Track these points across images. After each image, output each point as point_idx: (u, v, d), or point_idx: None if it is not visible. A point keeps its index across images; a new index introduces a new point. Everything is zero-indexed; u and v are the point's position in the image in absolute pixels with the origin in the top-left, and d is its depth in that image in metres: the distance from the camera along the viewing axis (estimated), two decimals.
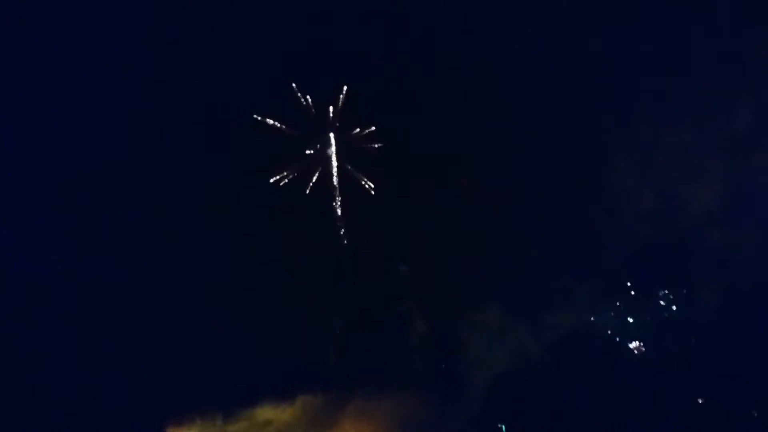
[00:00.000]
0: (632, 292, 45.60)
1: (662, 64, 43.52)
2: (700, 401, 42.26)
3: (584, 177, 44.49)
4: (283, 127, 43.36)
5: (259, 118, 42.14)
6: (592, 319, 45.38)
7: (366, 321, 43.86)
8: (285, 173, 42.96)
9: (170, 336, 40.87)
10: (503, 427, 42.62)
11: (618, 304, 45.53)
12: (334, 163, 45.23)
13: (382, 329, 43.87)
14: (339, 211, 45.22)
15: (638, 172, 44.38)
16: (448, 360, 43.81)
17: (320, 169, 43.88)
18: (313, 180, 43.71)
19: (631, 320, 45.22)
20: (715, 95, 42.83)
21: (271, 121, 42.60)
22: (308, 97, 42.85)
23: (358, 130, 44.04)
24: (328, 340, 43.34)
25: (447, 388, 42.94)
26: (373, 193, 44.02)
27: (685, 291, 44.93)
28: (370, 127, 43.53)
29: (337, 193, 45.16)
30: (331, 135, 44.62)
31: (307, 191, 43.86)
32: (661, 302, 45.22)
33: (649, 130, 43.74)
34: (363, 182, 44.79)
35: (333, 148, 44.85)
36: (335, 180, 45.00)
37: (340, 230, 45.40)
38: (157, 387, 40.84)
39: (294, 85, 42.71)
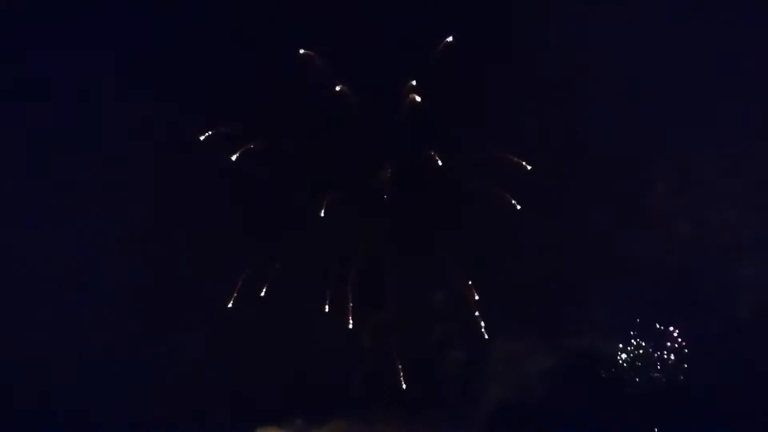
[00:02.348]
0: (659, 320, 43.91)
1: (707, 87, 41.95)
2: None
3: (622, 201, 43.00)
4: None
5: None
6: (616, 345, 44.03)
7: (396, 346, 41.38)
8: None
9: (178, 357, 39.01)
10: None
11: (643, 330, 44.01)
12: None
13: (411, 356, 41.60)
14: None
15: (677, 197, 42.77)
16: (475, 387, 42.11)
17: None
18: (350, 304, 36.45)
19: (654, 348, 43.82)
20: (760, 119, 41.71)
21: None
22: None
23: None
24: (354, 366, 41.00)
25: (471, 416, 41.39)
26: None
27: (716, 320, 43.01)
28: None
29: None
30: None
31: (350, 323, 37.36)
32: (690, 331, 43.60)
33: (693, 153, 42.33)
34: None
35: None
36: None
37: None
38: (159, 413, 38.94)
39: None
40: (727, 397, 40.70)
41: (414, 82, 37.39)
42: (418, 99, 37.51)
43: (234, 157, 36.95)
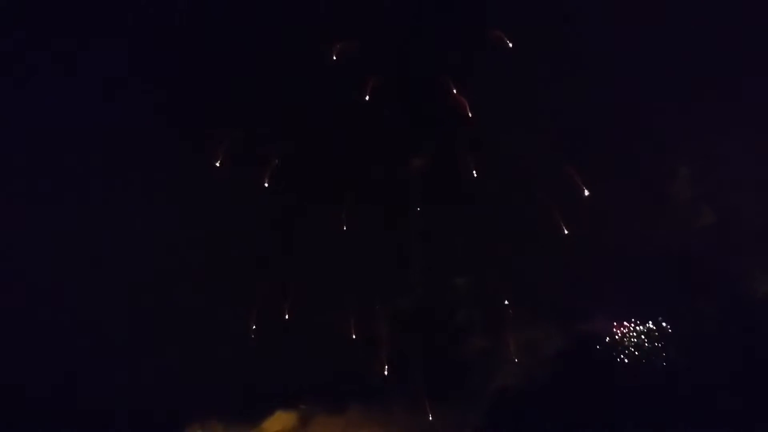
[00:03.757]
0: (674, 306, 43.94)
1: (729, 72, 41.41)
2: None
3: (645, 187, 42.61)
4: None
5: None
6: (628, 329, 44.01)
7: (415, 334, 41.15)
8: None
9: (193, 344, 38.93)
10: None
11: (657, 317, 43.94)
12: None
13: (429, 343, 41.38)
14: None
15: (701, 183, 42.60)
16: (494, 373, 42.06)
17: None
18: None
19: (667, 335, 43.85)
20: None
21: None
22: None
23: None
24: (371, 352, 40.70)
25: (488, 402, 41.47)
26: None
27: (733, 310, 43.17)
28: None
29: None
30: None
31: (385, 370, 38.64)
32: (703, 318, 43.55)
33: (718, 138, 41.48)
34: None
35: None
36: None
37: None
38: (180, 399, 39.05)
39: None
40: (732, 387, 40.97)
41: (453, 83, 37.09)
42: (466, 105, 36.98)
43: (266, 183, 36.75)
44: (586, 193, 39.34)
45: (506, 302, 41.42)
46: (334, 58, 35.69)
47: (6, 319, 38.19)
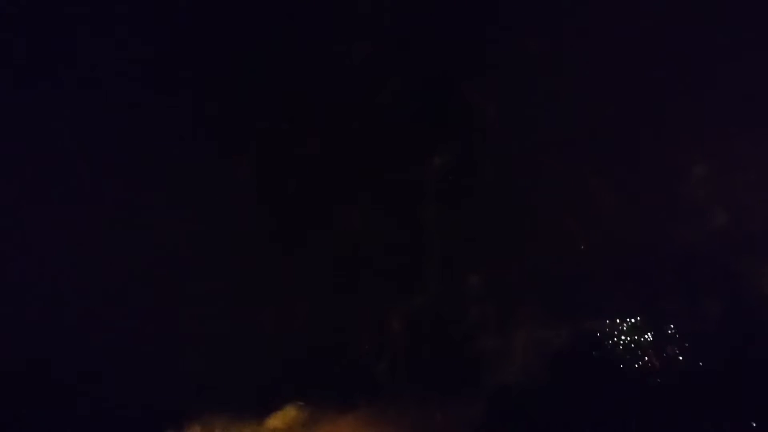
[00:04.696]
0: (680, 305, 43.17)
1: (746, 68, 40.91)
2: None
3: (656, 183, 42.38)
4: None
5: None
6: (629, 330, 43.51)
7: (426, 332, 40.97)
8: None
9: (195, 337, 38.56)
10: None
11: (663, 317, 43.40)
12: None
13: (440, 341, 41.21)
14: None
15: (714, 183, 42.09)
16: (501, 373, 41.45)
17: None
18: None
19: (672, 335, 43.36)
20: None
21: None
22: None
23: None
24: (379, 349, 40.50)
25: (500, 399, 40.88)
26: None
27: (739, 310, 42.54)
28: None
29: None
30: None
31: None
32: (709, 318, 42.60)
33: (737, 137, 41.28)
34: None
35: None
36: None
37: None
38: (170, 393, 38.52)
39: None
40: (734, 387, 40.35)
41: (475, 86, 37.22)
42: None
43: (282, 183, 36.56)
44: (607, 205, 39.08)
45: (517, 300, 41.18)
46: (353, 58, 35.21)
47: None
